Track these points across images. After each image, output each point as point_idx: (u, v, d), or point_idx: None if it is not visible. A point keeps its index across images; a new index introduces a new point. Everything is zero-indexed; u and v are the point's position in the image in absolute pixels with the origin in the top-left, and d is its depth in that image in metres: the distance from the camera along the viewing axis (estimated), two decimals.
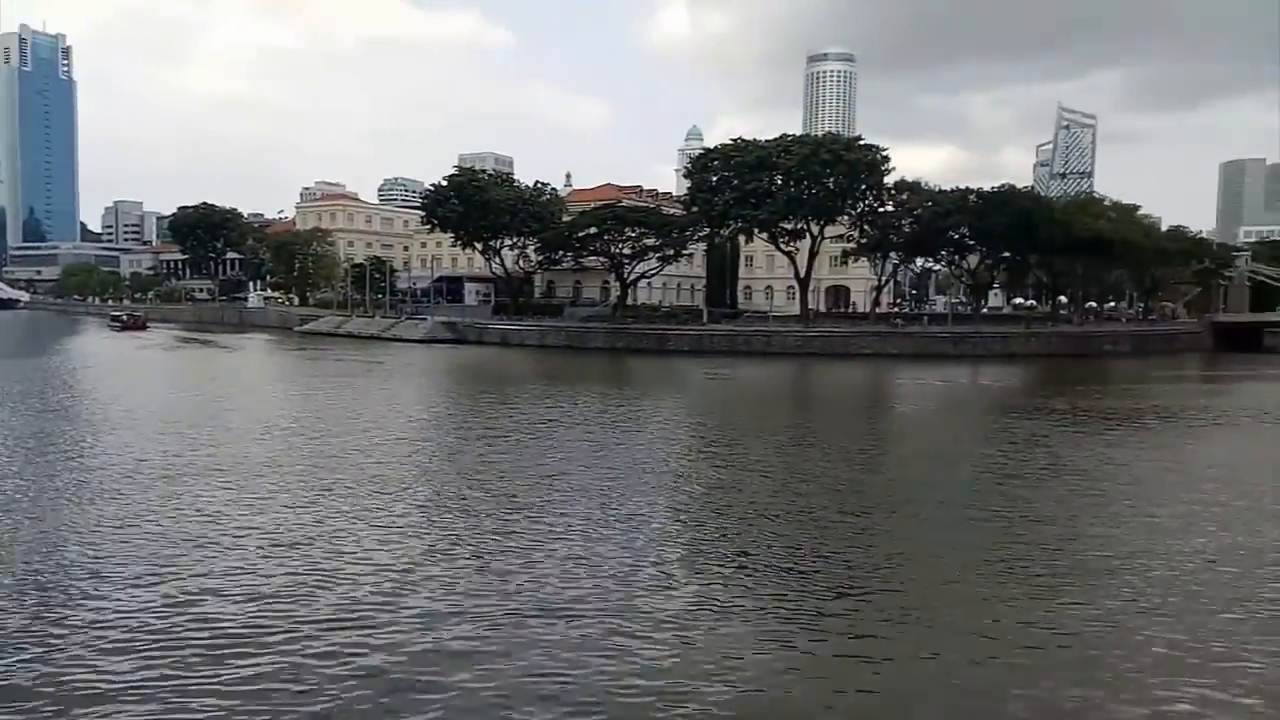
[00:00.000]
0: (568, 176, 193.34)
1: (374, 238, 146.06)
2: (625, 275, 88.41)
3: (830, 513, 19.27)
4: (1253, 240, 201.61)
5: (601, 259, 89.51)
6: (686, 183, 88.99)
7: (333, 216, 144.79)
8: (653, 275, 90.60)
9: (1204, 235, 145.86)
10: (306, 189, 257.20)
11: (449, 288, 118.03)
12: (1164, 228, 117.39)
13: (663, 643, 11.91)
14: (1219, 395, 49.83)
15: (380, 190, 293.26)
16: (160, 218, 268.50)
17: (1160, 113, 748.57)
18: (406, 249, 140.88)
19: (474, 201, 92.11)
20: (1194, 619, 12.99)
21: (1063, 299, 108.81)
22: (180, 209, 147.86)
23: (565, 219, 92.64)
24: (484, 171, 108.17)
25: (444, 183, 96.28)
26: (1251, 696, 10.57)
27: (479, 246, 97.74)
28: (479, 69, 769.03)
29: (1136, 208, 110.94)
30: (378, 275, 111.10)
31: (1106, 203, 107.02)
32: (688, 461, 25.66)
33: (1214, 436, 33.22)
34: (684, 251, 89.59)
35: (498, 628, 12.36)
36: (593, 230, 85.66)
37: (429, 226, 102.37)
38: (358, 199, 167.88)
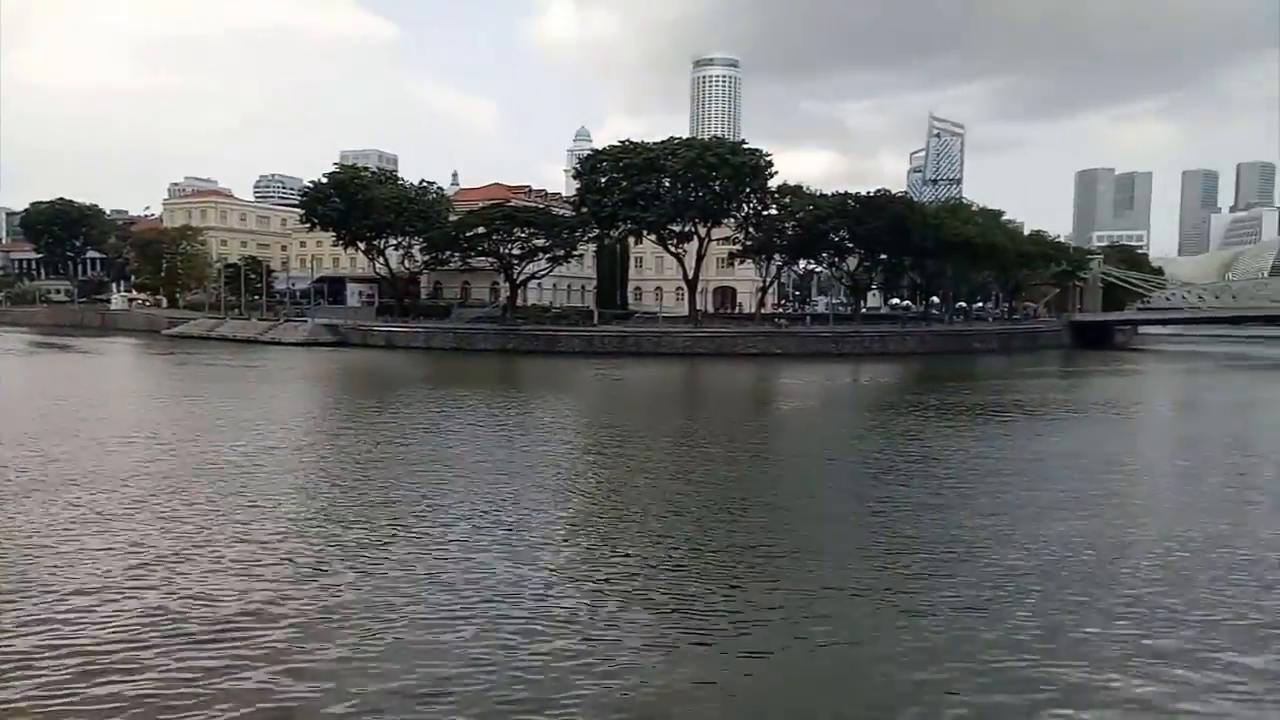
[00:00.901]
0: (454, 175, 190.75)
1: (249, 236, 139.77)
2: (514, 276, 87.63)
3: (716, 510, 19.59)
4: (1104, 244, 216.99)
5: (490, 259, 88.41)
6: (576, 183, 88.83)
7: (204, 214, 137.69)
8: (542, 276, 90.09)
9: (1062, 239, 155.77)
10: (175, 185, 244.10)
11: (330, 289, 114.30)
12: (1026, 232, 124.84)
13: (546, 646, 11.84)
14: (1075, 389, 53.23)
15: (256, 187, 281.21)
16: (11, 214, 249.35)
17: (1022, 123, 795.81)
18: (284, 249, 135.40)
19: (356, 200, 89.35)
20: (1053, 602, 13.82)
21: (935, 299, 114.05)
22: (34, 204, 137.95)
23: (452, 218, 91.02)
24: (366, 169, 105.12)
25: (324, 180, 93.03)
26: (1106, 670, 11.32)
27: (362, 246, 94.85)
28: (361, 63, 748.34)
29: (1001, 213, 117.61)
30: (253, 276, 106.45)
31: (974, 208, 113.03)
32: (577, 463, 25.63)
33: (1070, 428, 35.47)
34: (574, 252, 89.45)
35: (376, 638, 12.03)
36: (481, 230, 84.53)
37: (308, 225, 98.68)
38: (231, 196, 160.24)
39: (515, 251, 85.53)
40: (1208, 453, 30.17)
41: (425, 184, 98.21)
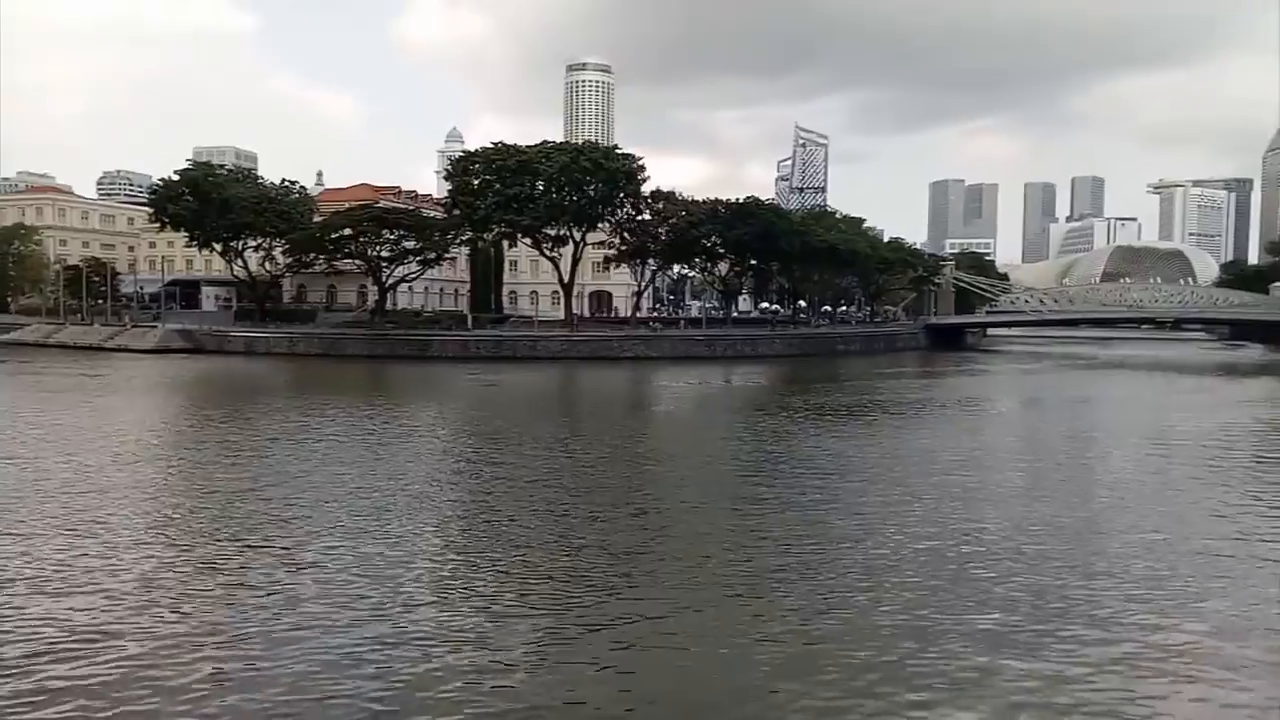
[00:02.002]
0: (319, 175, 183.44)
1: (92, 236, 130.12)
2: (384, 279, 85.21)
3: (588, 514, 19.59)
4: (956, 251, 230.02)
5: (357, 262, 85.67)
6: (447, 185, 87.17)
7: (39, 212, 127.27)
8: (413, 279, 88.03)
9: (918, 246, 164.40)
10: (6, 180, 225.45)
11: (183, 292, 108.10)
12: (885, 239, 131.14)
13: (414, 655, 11.54)
14: (931, 389, 56.19)
15: (100, 184, 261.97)
16: None
17: (881, 136, 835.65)
18: (132, 249, 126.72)
19: (211, 198, 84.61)
20: (901, 595, 14.50)
21: (802, 303, 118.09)
22: None
23: (317, 219, 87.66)
24: (222, 166, 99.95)
25: (175, 177, 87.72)
26: (966, 659, 11.96)
27: (218, 247, 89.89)
28: (219, 56, 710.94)
29: (862, 221, 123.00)
30: (97, 278, 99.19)
31: (838, 216, 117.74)
32: (447, 472, 25.12)
33: (927, 426, 37.42)
34: (446, 255, 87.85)
35: (204, 666, 11.41)
36: (348, 232, 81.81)
37: (158, 225, 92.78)
38: (71, 193, 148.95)
39: (384, 254, 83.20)
40: (1050, 445, 32.45)
41: (288, 183, 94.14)
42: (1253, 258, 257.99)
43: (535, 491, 21.95)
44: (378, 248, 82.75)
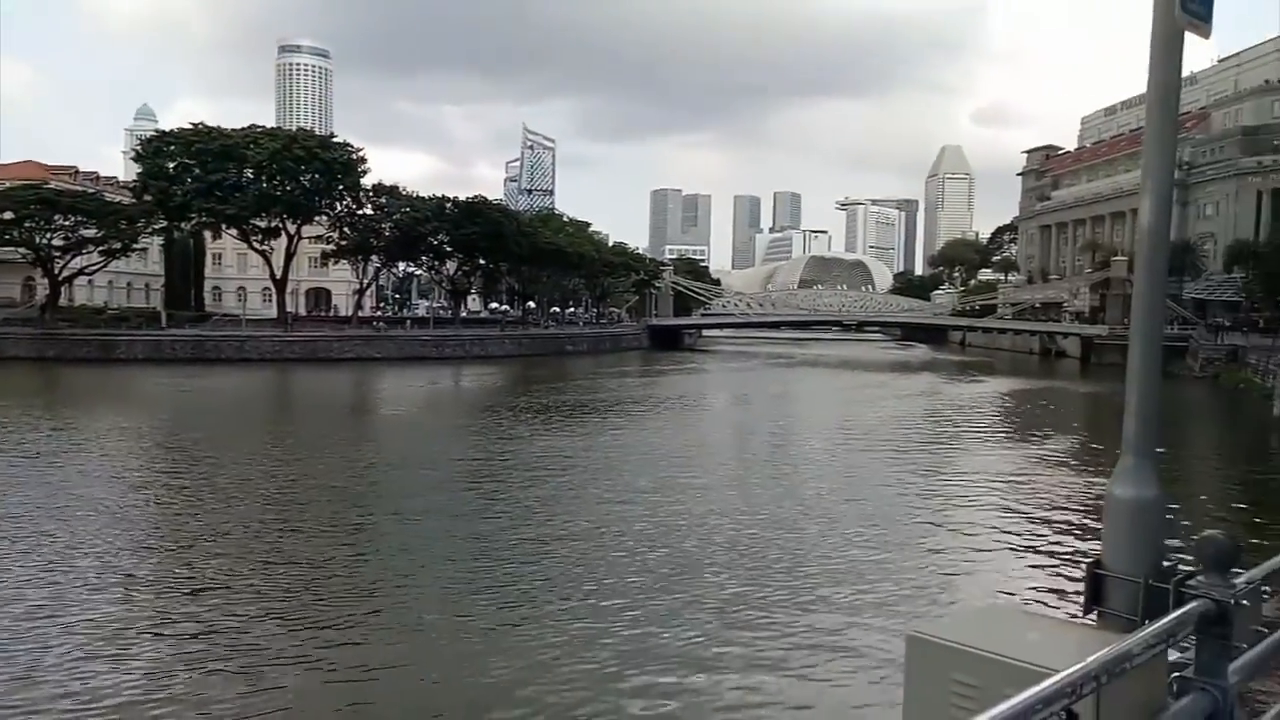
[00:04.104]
0: None
1: None
2: (56, 271, 74.32)
3: (293, 529, 18.40)
4: (674, 257, 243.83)
5: (23, 251, 74.03)
6: (137, 167, 77.81)
7: None
8: (94, 272, 77.56)
9: (640, 251, 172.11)
10: None
11: None
12: (610, 243, 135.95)
13: (125, 686, 10.16)
14: (652, 386, 58.99)
15: None
16: None
17: (605, 143, 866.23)
18: None
19: None
20: (617, 600, 15.07)
21: (532, 304, 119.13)
22: None
23: None
24: None
25: None
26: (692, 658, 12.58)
27: None
28: None
29: (589, 225, 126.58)
30: None
31: (565, 219, 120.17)
32: (136, 488, 22.40)
33: (648, 422, 39.21)
34: (135, 246, 78.35)
35: None
36: (9, 216, 70.35)
37: None
38: None
39: (57, 242, 72.52)
40: (760, 437, 35.30)
41: None
42: (918, 269, 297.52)
43: (240, 509, 20.19)
44: (48, 235, 71.96)
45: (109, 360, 63.06)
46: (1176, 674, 2.55)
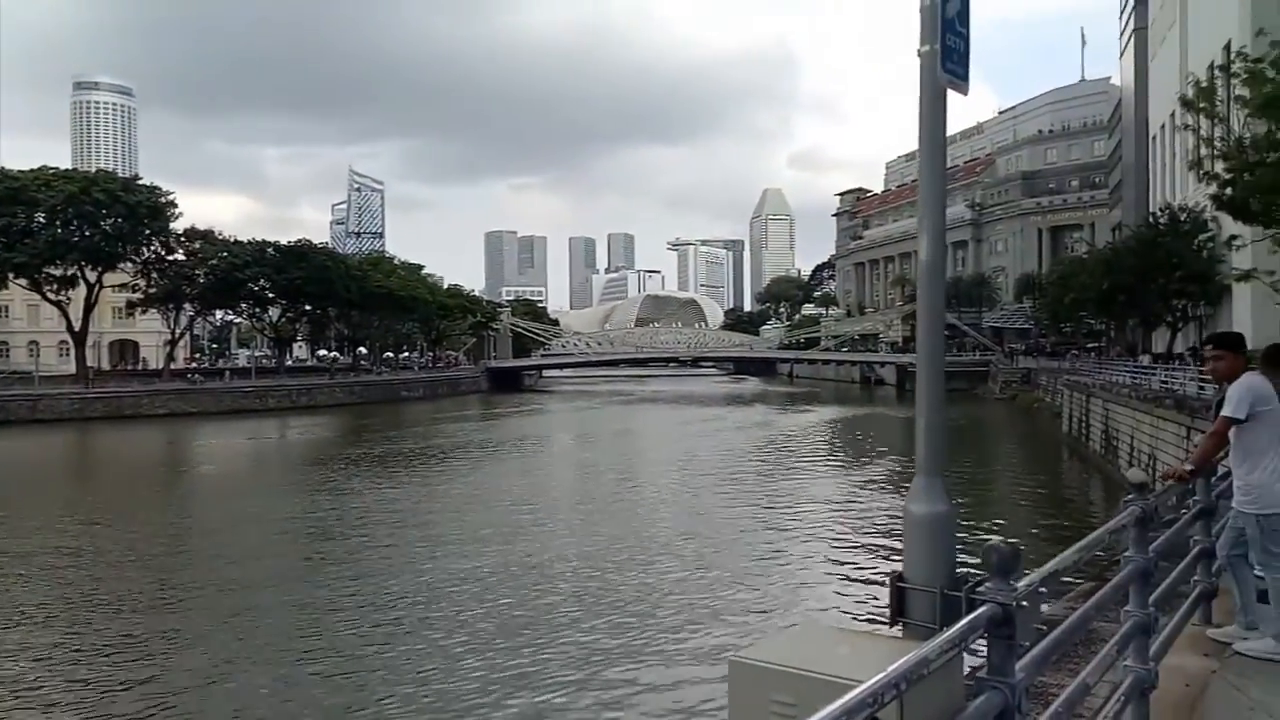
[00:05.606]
0: None
1: None
2: None
3: (97, 604, 16.78)
4: (512, 298, 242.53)
5: None
6: None
7: None
8: None
9: (476, 293, 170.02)
10: None
11: None
12: (445, 286, 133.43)
13: None
14: (492, 429, 58.02)
15: None
16: None
17: (435, 185, 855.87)
18: None
19: None
20: (450, 639, 14.69)
21: (363, 350, 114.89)
22: None
23: None
24: None
25: None
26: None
27: None
28: None
29: (421, 267, 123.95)
30: None
31: (396, 262, 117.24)
32: None
33: (486, 466, 38.50)
34: None
35: None
36: None
37: None
38: None
39: None
40: (604, 476, 35.37)
41: None
42: (748, 305, 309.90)
43: (11, 592, 18.21)
44: None
45: None
46: (974, 676, 2.74)
